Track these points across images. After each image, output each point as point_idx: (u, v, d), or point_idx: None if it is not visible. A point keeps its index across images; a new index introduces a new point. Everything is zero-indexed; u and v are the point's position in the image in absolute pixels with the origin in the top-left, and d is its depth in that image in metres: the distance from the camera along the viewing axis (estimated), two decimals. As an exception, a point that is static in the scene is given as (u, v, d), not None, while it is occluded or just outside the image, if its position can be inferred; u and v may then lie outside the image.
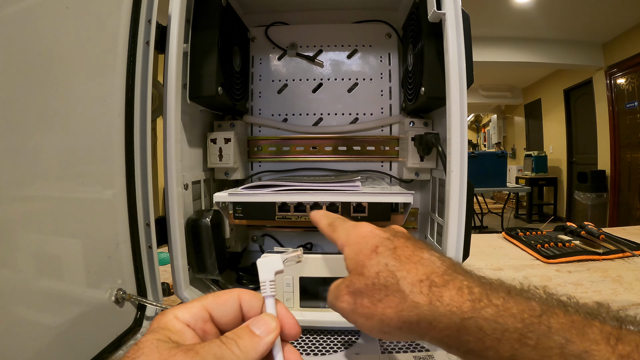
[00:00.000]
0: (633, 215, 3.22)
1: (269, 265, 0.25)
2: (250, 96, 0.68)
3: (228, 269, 0.61)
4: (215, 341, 0.20)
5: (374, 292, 0.25)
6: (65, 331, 0.34)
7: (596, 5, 2.69)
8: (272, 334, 0.22)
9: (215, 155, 0.59)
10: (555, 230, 1.00)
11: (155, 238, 0.46)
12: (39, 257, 0.33)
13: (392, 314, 0.24)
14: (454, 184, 0.42)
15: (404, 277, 0.24)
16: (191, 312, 0.22)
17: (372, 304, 0.25)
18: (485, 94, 5.18)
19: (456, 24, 0.42)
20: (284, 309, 0.24)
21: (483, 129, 6.93)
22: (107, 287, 0.41)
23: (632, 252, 0.77)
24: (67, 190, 0.36)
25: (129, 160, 0.44)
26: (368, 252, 0.27)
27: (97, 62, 0.40)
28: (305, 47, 0.68)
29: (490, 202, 5.07)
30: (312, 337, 0.46)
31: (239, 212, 0.52)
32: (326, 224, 0.34)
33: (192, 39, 0.51)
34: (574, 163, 4.12)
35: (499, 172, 2.95)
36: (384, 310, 0.24)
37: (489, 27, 3.16)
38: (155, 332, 0.20)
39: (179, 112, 0.46)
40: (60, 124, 0.35)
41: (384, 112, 0.67)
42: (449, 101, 0.42)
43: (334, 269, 0.46)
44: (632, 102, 3.13)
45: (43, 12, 0.32)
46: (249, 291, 0.24)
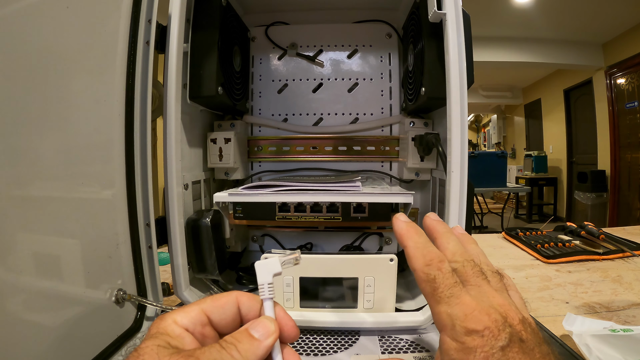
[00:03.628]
0: (633, 215, 3.22)
1: (267, 267, 0.25)
2: (251, 96, 0.68)
3: (228, 269, 0.61)
4: (215, 346, 0.20)
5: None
6: (65, 332, 0.34)
7: (596, 5, 2.69)
8: (271, 337, 0.22)
9: (215, 155, 0.59)
10: (555, 230, 1.00)
11: (155, 238, 0.46)
12: (39, 258, 0.33)
13: None
14: (454, 184, 0.42)
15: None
16: (190, 317, 0.22)
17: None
18: (485, 94, 5.18)
19: (456, 24, 0.42)
20: (282, 312, 0.24)
21: (483, 129, 6.93)
22: (107, 287, 0.41)
23: (632, 252, 0.77)
24: (67, 190, 0.36)
25: (129, 160, 0.44)
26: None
27: (97, 61, 0.39)
28: (305, 47, 0.68)
29: (490, 202, 5.07)
30: (312, 337, 0.46)
31: (239, 212, 0.52)
32: (423, 267, 0.24)
33: (192, 38, 0.51)
34: (574, 163, 4.12)
35: (499, 172, 2.95)
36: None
37: (489, 27, 3.16)
38: (154, 337, 0.20)
39: (179, 112, 0.46)
40: (60, 123, 0.35)
41: (384, 112, 0.67)
42: (449, 101, 0.42)
43: (334, 269, 0.46)
44: (632, 102, 3.13)
45: (43, 11, 0.32)
46: (247, 294, 0.24)
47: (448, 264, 0.24)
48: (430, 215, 0.29)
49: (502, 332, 0.21)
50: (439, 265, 0.24)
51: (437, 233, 0.27)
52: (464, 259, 0.25)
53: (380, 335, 0.46)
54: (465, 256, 0.25)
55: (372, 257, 0.46)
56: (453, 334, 0.22)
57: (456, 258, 0.25)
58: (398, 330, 0.46)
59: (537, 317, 0.51)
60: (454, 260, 0.25)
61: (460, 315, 0.22)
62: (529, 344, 0.21)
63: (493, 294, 0.24)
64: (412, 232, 0.26)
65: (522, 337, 0.21)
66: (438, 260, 0.24)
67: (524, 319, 0.23)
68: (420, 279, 0.24)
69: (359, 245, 0.66)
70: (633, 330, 0.39)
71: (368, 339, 0.45)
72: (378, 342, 0.45)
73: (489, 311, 0.22)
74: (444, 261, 0.24)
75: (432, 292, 0.24)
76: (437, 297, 0.23)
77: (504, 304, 0.23)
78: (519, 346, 0.21)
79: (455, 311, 0.22)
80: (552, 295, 0.60)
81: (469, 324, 0.21)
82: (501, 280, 0.26)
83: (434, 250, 0.25)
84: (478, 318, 0.22)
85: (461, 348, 0.21)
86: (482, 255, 0.27)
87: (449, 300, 0.23)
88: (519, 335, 0.21)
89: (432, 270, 0.24)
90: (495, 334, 0.21)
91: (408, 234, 0.26)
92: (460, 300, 0.23)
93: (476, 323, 0.21)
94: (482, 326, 0.21)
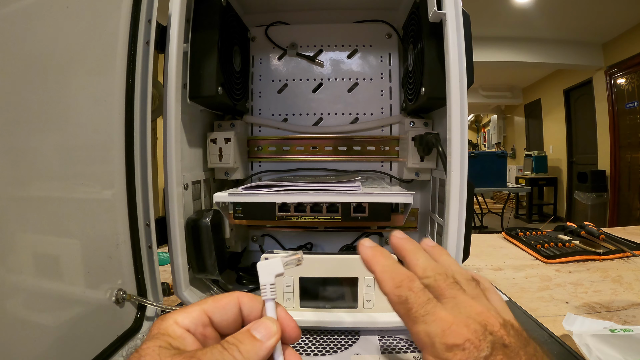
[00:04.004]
0: (633, 215, 3.22)
1: (269, 268, 0.25)
2: (250, 96, 0.68)
3: (228, 269, 0.61)
4: (217, 346, 0.20)
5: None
6: (65, 332, 0.34)
7: (596, 5, 2.69)
8: (273, 338, 0.22)
9: (215, 155, 0.59)
10: (555, 230, 1.00)
11: (155, 238, 0.46)
12: (39, 258, 0.33)
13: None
14: (454, 184, 0.42)
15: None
16: (191, 317, 0.22)
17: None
18: (485, 94, 5.18)
19: (456, 24, 0.42)
20: (284, 312, 0.24)
21: (483, 129, 6.93)
22: (107, 287, 0.41)
23: (632, 252, 0.77)
24: (67, 190, 0.36)
25: (129, 160, 0.44)
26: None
27: (97, 61, 0.39)
28: (305, 47, 0.68)
29: (490, 202, 5.07)
30: (312, 337, 0.46)
31: (239, 212, 0.52)
32: (393, 290, 0.24)
33: (192, 38, 0.51)
34: (574, 163, 4.12)
35: (499, 172, 2.95)
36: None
37: (489, 27, 3.16)
38: (155, 338, 0.20)
39: (179, 112, 0.46)
40: (60, 123, 0.35)
41: (384, 112, 0.67)
42: (449, 101, 0.42)
43: (334, 269, 0.46)
44: (632, 102, 3.13)
45: (43, 11, 0.32)
46: (248, 294, 0.24)
47: (419, 282, 0.24)
48: (396, 233, 0.28)
49: (483, 342, 0.21)
50: (409, 285, 0.23)
51: (404, 251, 0.27)
52: (435, 272, 0.25)
53: (380, 335, 0.46)
54: (436, 270, 0.25)
55: (372, 257, 0.46)
56: (434, 351, 0.21)
57: (427, 273, 0.25)
58: (398, 330, 0.46)
59: (537, 317, 0.51)
60: (425, 276, 0.24)
61: (438, 332, 0.21)
62: (513, 347, 0.21)
63: (470, 303, 0.23)
64: (379, 256, 0.26)
65: (505, 342, 0.21)
66: (408, 280, 0.24)
67: (505, 323, 0.22)
68: (393, 302, 0.24)
69: (359, 245, 0.66)
70: (633, 330, 0.39)
71: (368, 339, 0.45)
72: (378, 342, 0.45)
73: (467, 322, 0.21)
74: (414, 280, 0.24)
75: (407, 313, 0.23)
76: (412, 317, 0.23)
77: (482, 311, 0.22)
78: (502, 352, 0.21)
79: (433, 329, 0.22)
80: (552, 295, 0.60)
81: (449, 340, 0.21)
82: (477, 286, 0.26)
83: (403, 270, 0.25)
84: (457, 332, 0.21)
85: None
86: (455, 265, 0.27)
87: (425, 319, 0.22)
88: (501, 341, 0.21)
89: (403, 291, 0.23)
90: (476, 345, 0.21)
91: (374, 259, 0.26)
92: (437, 316, 0.22)
93: (455, 337, 0.21)
94: (462, 339, 0.21)
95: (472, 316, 0.22)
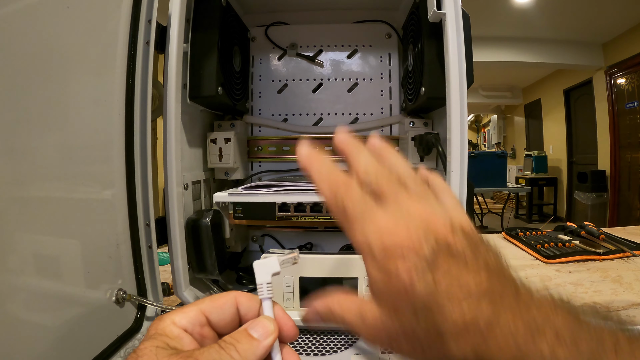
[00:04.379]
0: (633, 215, 3.22)
1: (265, 267, 0.25)
2: (250, 96, 0.68)
3: (228, 269, 0.61)
4: (214, 346, 0.20)
5: (412, 340, 0.20)
6: (65, 332, 0.34)
7: (596, 5, 2.69)
8: (270, 336, 0.22)
9: (215, 155, 0.59)
10: (555, 230, 1.00)
11: (155, 238, 0.46)
12: (39, 258, 0.33)
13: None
14: (454, 184, 0.42)
15: (444, 322, 0.19)
16: (188, 317, 0.22)
17: (412, 348, 0.20)
18: (485, 94, 5.18)
19: (456, 24, 0.42)
20: (281, 311, 0.24)
21: (483, 129, 6.93)
22: (107, 287, 0.41)
23: (632, 252, 0.77)
24: (67, 190, 0.36)
25: (129, 160, 0.44)
26: (398, 289, 0.19)
27: (97, 62, 0.40)
28: (305, 47, 0.68)
29: (490, 202, 5.07)
30: (312, 337, 0.46)
31: (239, 212, 0.52)
32: (330, 197, 0.22)
33: (192, 39, 0.51)
34: (574, 163, 4.12)
35: (499, 172, 2.95)
36: (426, 356, 0.20)
37: (489, 27, 3.16)
38: (153, 338, 0.20)
39: (179, 112, 0.46)
40: (60, 123, 0.35)
41: (384, 112, 0.67)
42: (449, 101, 0.42)
43: (334, 269, 0.46)
44: (632, 102, 3.13)
45: (43, 11, 0.32)
46: (245, 294, 0.24)
47: (357, 188, 0.22)
48: (341, 134, 0.25)
49: (423, 245, 0.19)
50: (345, 190, 0.22)
51: (346, 152, 0.24)
52: (377, 172, 0.22)
53: (380, 335, 0.46)
54: (378, 170, 0.22)
55: (372, 257, 0.46)
56: (372, 259, 0.20)
57: (368, 174, 0.22)
58: (398, 330, 0.46)
59: (537, 317, 0.51)
60: (366, 177, 0.22)
61: (374, 236, 0.20)
62: (459, 248, 0.19)
63: (413, 204, 0.21)
64: (314, 160, 0.23)
65: (450, 243, 0.19)
66: (344, 184, 0.22)
67: (452, 224, 0.20)
68: (331, 209, 0.22)
69: (359, 245, 0.66)
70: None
71: (368, 339, 0.45)
72: (378, 342, 0.45)
73: (407, 224, 0.20)
74: (350, 183, 0.22)
75: (344, 219, 0.21)
76: (349, 222, 0.21)
77: (424, 212, 0.20)
78: (446, 254, 0.19)
79: (370, 234, 0.20)
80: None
81: (385, 243, 0.19)
82: (423, 185, 0.23)
83: (338, 175, 0.23)
84: (394, 234, 0.19)
85: (383, 272, 0.20)
86: (401, 163, 0.24)
87: (362, 223, 0.21)
88: (445, 243, 0.19)
89: (339, 197, 0.22)
90: (416, 249, 0.19)
91: (311, 165, 0.23)
92: (374, 220, 0.20)
93: (392, 240, 0.19)
94: (401, 244, 0.19)
95: (412, 216, 0.20)
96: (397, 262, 0.19)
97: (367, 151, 0.24)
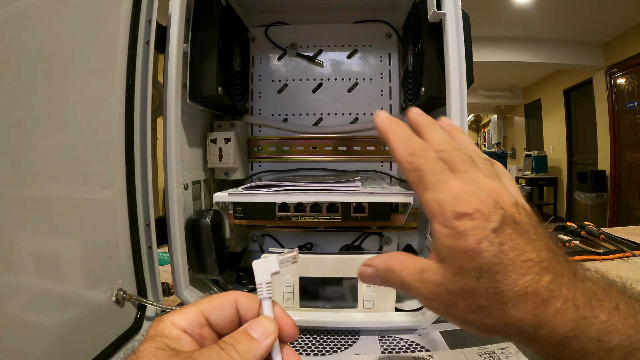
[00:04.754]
0: (633, 215, 3.22)
1: (264, 267, 0.25)
2: (250, 96, 0.68)
3: (228, 269, 0.61)
4: (214, 347, 0.20)
5: (470, 300, 0.21)
6: (65, 332, 0.34)
7: (596, 5, 2.69)
8: (270, 337, 0.22)
9: (215, 155, 0.59)
10: (556, 230, 1.00)
11: (155, 238, 0.46)
12: (39, 258, 0.33)
13: (491, 324, 0.21)
14: (454, 184, 0.42)
15: (507, 286, 0.20)
16: (188, 318, 0.22)
17: (469, 311, 0.21)
18: (485, 94, 5.18)
19: (456, 24, 0.42)
20: (281, 311, 0.24)
21: (483, 129, 6.93)
22: (107, 287, 0.41)
23: (632, 252, 0.77)
24: (67, 190, 0.36)
25: (129, 160, 0.44)
26: (466, 249, 0.20)
27: (97, 62, 0.40)
28: (305, 47, 0.68)
29: (490, 202, 5.06)
30: (312, 337, 0.46)
31: (239, 212, 0.52)
32: (407, 157, 0.23)
33: (192, 39, 0.51)
34: (574, 163, 4.12)
35: (499, 172, 2.94)
36: (482, 319, 0.21)
37: (489, 27, 3.16)
38: (152, 339, 0.20)
39: (179, 112, 0.46)
40: (60, 123, 0.35)
41: (384, 112, 0.67)
42: (449, 101, 0.42)
43: (333, 269, 0.46)
44: (632, 102, 3.13)
45: (43, 11, 0.32)
46: (245, 293, 0.24)
47: (433, 152, 0.23)
48: (413, 109, 0.27)
49: (493, 214, 0.20)
50: (423, 153, 0.23)
51: (421, 126, 0.26)
52: (451, 147, 0.24)
53: (380, 335, 0.46)
54: (452, 145, 0.24)
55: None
56: (443, 219, 0.21)
57: (442, 147, 0.24)
58: (398, 330, 0.46)
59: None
60: (440, 150, 0.24)
61: (448, 199, 0.21)
62: (523, 225, 0.21)
63: (483, 178, 0.22)
64: (394, 125, 0.25)
65: (516, 219, 0.21)
66: (421, 149, 0.23)
67: (517, 202, 0.22)
68: (405, 169, 0.23)
69: (359, 245, 0.66)
70: (633, 330, 0.39)
71: (368, 339, 0.45)
72: (378, 341, 0.45)
73: (478, 194, 0.21)
74: (428, 149, 0.23)
75: (419, 181, 0.22)
76: (423, 184, 0.22)
77: (494, 187, 0.22)
78: (512, 228, 0.20)
79: (443, 196, 0.21)
80: (552, 295, 0.60)
81: (458, 208, 0.20)
82: (492, 166, 0.25)
83: (418, 140, 0.24)
84: (467, 201, 0.21)
85: (452, 233, 0.21)
86: (471, 144, 0.26)
87: (435, 186, 0.22)
88: (512, 217, 0.21)
89: (416, 158, 0.23)
90: (486, 216, 0.20)
91: (390, 126, 0.25)
92: (448, 185, 0.21)
93: (465, 206, 0.20)
94: (472, 209, 0.20)
95: (484, 190, 0.21)
96: (467, 224, 0.20)
97: (440, 127, 0.26)
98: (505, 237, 0.20)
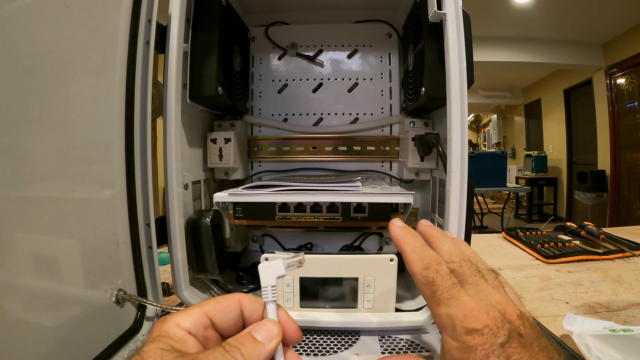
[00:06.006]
0: (633, 215, 3.22)
1: (270, 270, 0.25)
2: (250, 96, 0.68)
3: (228, 269, 0.61)
4: (219, 349, 0.20)
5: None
6: (65, 332, 0.34)
7: (596, 5, 2.69)
8: (274, 340, 0.22)
9: (216, 155, 0.59)
10: (555, 230, 1.00)
11: (155, 238, 0.46)
12: (39, 258, 0.32)
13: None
14: (454, 184, 0.42)
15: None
16: (192, 319, 0.22)
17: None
18: (485, 94, 5.18)
19: (457, 24, 0.42)
20: (285, 314, 0.24)
21: (483, 129, 6.93)
22: (107, 287, 0.41)
23: (632, 252, 0.77)
24: (67, 190, 0.36)
25: (129, 160, 0.44)
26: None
27: (97, 61, 0.39)
28: (305, 47, 0.68)
29: (490, 202, 5.07)
30: (312, 337, 0.46)
31: (239, 212, 0.52)
32: (422, 271, 0.25)
33: (192, 38, 0.51)
34: (574, 163, 4.12)
35: (499, 172, 2.95)
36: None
37: (489, 27, 3.16)
38: (157, 340, 0.20)
39: (179, 112, 0.46)
40: (60, 123, 0.35)
41: (384, 112, 0.67)
42: (450, 101, 0.42)
43: (334, 269, 0.46)
44: (632, 102, 3.13)
45: (43, 11, 0.32)
46: (250, 296, 0.24)
47: (446, 266, 0.25)
48: (423, 222, 0.30)
49: (501, 329, 0.22)
50: (437, 267, 0.25)
51: (431, 237, 0.28)
52: (461, 259, 0.26)
53: (380, 335, 0.46)
54: (461, 256, 0.26)
55: (372, 257, 0.46)
56: (454, 334, 0.23)
57: (453, 259, 0.26)
58: (398, 330, 0.46)
59: (537, 317, 0.51)
60: (451, 261, 0.26)
61: (460, 315, 0.22)
62: (528, 338, 0.22)
63: (491, 291, 0.24)
64: (409, 236, 0.27)
65: (521, 332, 0.22)
66: (436, 262, 0.25)
67: (521, 314, 0.23)
68: (420, 282, 0.25)
69: (359, 245, 0.66)
70: (633, 330, 0.39)
71: (368, 339, 0.45)
72: (378, 342, 0.45)
73: (487, 309, 0.22)
74: (442, 263, 0.25)
75: (432, 295, 0.24)
76: (436, 299, 0.24)
77: (501, 300, 0.23)
78: (518, 341, 0.22)
79: (455, 312, 0.23)
80: (552, 295, 0.60)
81: (469, 324, 0.22)
82: (497, 277, 0.27)
83: (431, 253, 0.26)
84: (477, 317, 0.22)
85: (462, 347, 0.22)
86: (476, 255, 0.28)
87: (448, 302, 0.23)
88: (517, 330, 0.22)
89: (431, 273, 0.24)
90: (494, 331, 0.22)
91: (405, 238, 0.27)
92: (460, 300, 0.23)
93: (476, 322, 0.22)
94: (482, 325, 0.22)
95: (492, 304, 0.23)
96: (476, 339, 0.22)
97: (449, 238, 0.28)
98: (512, 351, 0.21)
